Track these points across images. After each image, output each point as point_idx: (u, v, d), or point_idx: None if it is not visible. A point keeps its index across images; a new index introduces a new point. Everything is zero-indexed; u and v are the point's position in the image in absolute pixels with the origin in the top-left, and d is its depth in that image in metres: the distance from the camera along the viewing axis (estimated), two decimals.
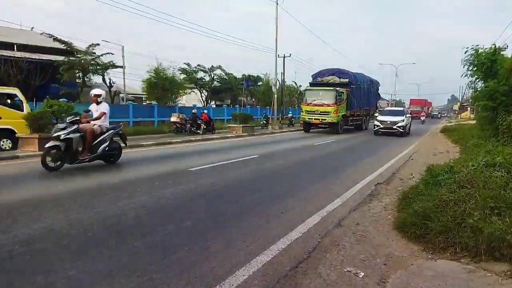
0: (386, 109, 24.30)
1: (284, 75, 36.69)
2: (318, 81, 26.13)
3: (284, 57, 37.79)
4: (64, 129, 7.94)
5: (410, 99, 77.13)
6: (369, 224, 4.87)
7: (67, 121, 8.18)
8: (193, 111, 21.62)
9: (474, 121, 23.83)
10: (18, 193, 6.28)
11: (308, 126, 25.15)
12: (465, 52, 13.18)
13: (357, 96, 26.42)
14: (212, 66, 39.11)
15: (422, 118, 44.91)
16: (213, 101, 45.17)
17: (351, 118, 25.82)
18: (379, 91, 33.48)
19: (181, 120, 20.50)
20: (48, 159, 7.86)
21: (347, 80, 25.12)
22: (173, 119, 20.72)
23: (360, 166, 10.01)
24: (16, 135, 12.05)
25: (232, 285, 3.13)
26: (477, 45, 13.04)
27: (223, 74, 40.79)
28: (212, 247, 3.97)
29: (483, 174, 5.38)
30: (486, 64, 12.51)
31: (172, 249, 3.89)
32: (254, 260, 3.63)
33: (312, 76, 27.31)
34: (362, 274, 3.39)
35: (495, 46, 12.83)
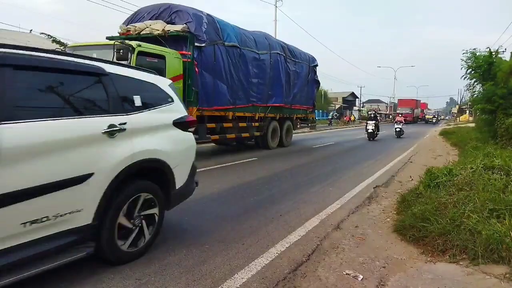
0: None
1: None
2: (123, 30, 10.57)
3: None
4: None
5: (398, 100, 65.32)
6: (368, 227, 4.87)
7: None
8: None
9: (473, 124, 23.89)
10: None
11: None
12: (463, 54, 13.25)
13: (233, 74, 11.35)
14: None
15: (398, 127, 23.35)
16: None
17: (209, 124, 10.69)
18: (317, 75, 17.47)
19: None
20: None
21: (181, 26, 9.81)
22: None
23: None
24: None
25: None
26: (475, 49, 13.10)
27: None
28: (211, 250, 3.95)
29: (482, 177, 5.41)
30: (483, 66, 12.56)
31: (171, 252, 3.87)
32: (253, 263, 3.62)
33: (123, 23, 11.02)
34: (361, 277, 3.38)
35: (489, 49, 12.90)
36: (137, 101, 3.62)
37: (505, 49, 13.12)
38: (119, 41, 8.29)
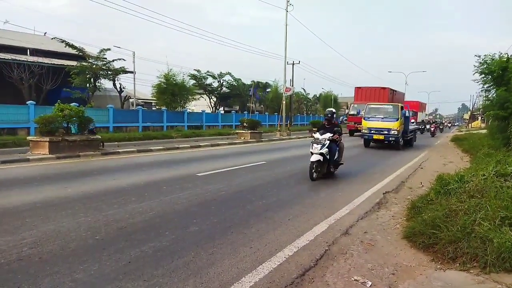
0: None
1: (293, 82, 36.77)
2: None
3: (293, 64, 37.93)
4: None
5: (355, 89, 31.09)
6: (377, 232, 4.83)
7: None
8: None
9: (485, 130, 23.57)
10: (27, 195, 6.34)
11: None
12: (476, 60, 13.08)
13: None
14: (221, 72, 39.30)
15: None
16: (222, 107, 45.37)
17: None
18: None
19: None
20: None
21: None
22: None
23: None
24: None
25: None
26: (494, 54, 12.90)
27: (232, 80, 40.98)
28: (219, 253, 3.96)
29: (494, 184, 5.31)
30: (496, 72, 12.37)
31: (179, 254, 3.89)
32: (261, 267, 3.61)
33: None
34: (370, 283, 3.35)
35: (507, 55, 12.70)
36: None
37: None
38: None
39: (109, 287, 3.14)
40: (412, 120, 25.12)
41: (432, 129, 33.24)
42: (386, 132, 17.39)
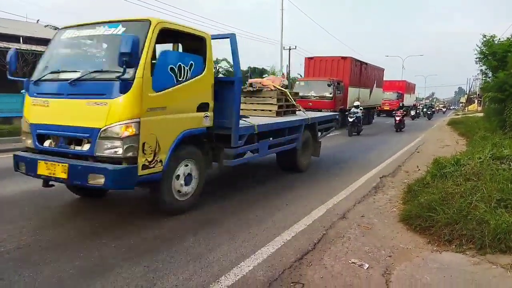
0: None
1: (289, 67, 36.54)
2: None
3: (290, 49, 37.61)
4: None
5: (305, 59, 21.38)
6: (374, 216, 4.87)
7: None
8: None
9: (481, 114, 23.62)
10: (25, 184, 6.32)
11: None
12: (481, 39, 13.03)
13: None
14: (217, 58, 38.88)
15: None
16: None
17: None
18: None
19: None
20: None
21: None
22: None
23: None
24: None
25: (237, 275, 3.16)
26: (496, 36, 12.90)
27: (228, 66, 40.59)
28: (218, 238, 3.99)
29: (490, 167, 5.35)
30: (498, 54, 12.32)
31: (178, 240, 3.92)
32: (259, 252, 3.65)
33: None
34: (367, 265, 3.39)
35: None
36: None
37: None
38: None
39: (110, 273, 3.17)
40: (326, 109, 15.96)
41: (398, 118, 18.42)
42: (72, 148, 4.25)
